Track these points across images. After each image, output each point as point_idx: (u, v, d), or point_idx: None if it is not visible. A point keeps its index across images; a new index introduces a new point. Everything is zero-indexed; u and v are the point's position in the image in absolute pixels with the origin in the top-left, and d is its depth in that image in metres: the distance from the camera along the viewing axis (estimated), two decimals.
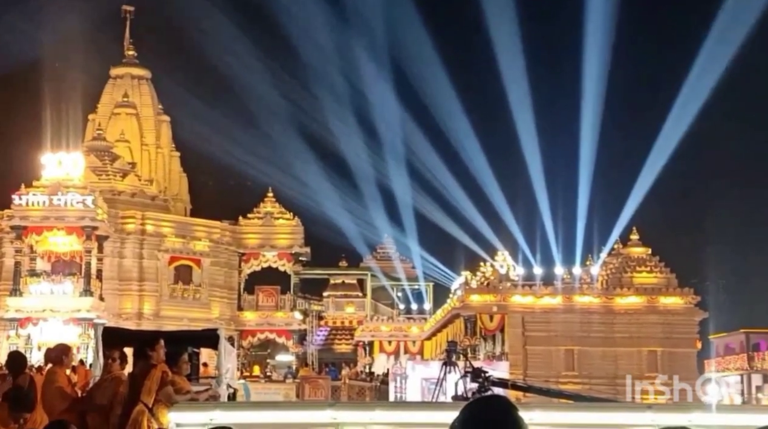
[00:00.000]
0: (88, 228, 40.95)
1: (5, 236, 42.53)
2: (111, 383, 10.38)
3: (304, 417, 8.97)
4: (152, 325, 39.13)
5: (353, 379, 37.47)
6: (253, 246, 47.66)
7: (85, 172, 43.50)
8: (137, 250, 44.70)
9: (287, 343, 46.35)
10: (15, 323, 39.47)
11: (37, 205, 40.80)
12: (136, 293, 44.33)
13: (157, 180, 50.29)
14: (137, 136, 50.45)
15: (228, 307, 46.59)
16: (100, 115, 50.84)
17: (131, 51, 52.36)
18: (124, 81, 51.71)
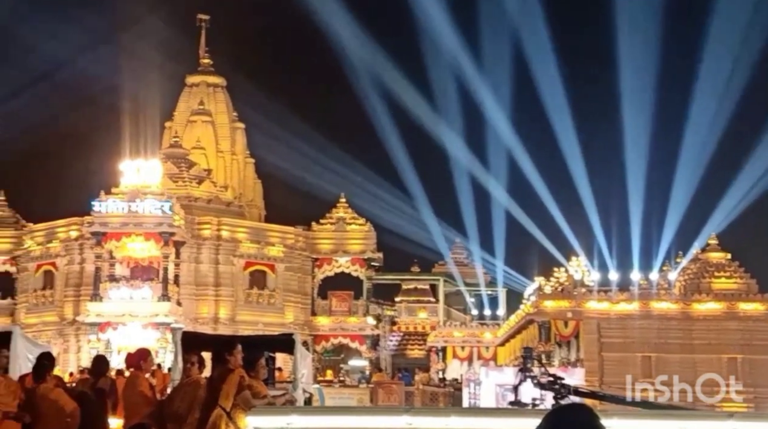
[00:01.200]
0: (165, 234, 41.65)
1: (86, 242, 43.51)
2: (190, 387, 10.52)
3: (380, 422, 8.97)
4: (228, 330, 39.68)
5: (427, 385, 37.39)
6: (326, 251, 47.96)
7: (163, 179, 44.27)
8: (213, 256, 45.33)
9: (360, 348, 46.50)
10: (95, 327, 40.28)
11: (116, 211, 41.63)
12: (212, 298, 44.95)
13: (232, 186, 50.97)
14: (213, 143, 51.21)
15: (302, 311, 46.94)
16: (176, 122, 51.75)
17: (206, 59, 53.20)
18: (199, 89, 52.56)
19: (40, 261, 45.52)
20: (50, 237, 45.56)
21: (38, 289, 45.41)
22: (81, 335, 41.91)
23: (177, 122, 51.69)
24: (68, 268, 44.62)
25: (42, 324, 43.51)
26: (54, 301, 44.68)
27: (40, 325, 43.24)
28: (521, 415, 10.07)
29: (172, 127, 51.37)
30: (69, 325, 43.14)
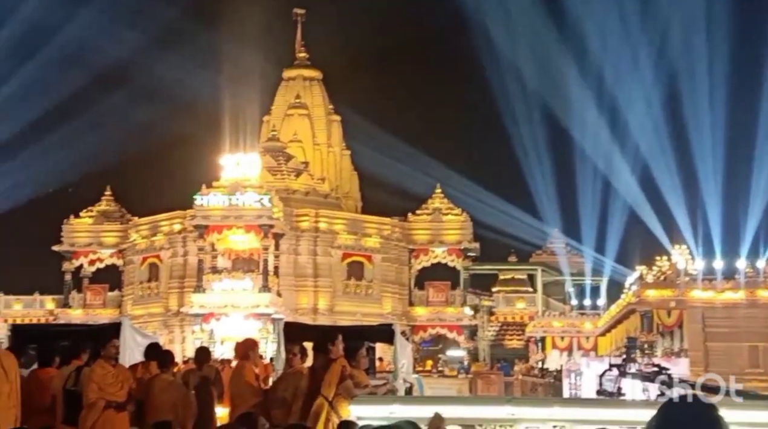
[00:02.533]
0: (265, 226, 42.30)
1: (189, 235, 44.53)
2: (293, 377, 10.68)
3: (481, 412, 8.95)
4: (327, 320, 40.10)
5: (526, 375, 37.11)
6: (423, 242, 48.02)
7: (261, 172, 44.98)
8: (311, 247, 45.85)
9: (458, 338, 46.44)
10: (199, 318, 41.21)
11: (217, 205, 42.48)
12: (311, 289, 45.50)
13: (329, 178, 51.43)
14: (309, 136, 51.76)
15: (399, 302, 47.12)
16: (274, 116, 52.46)
17: (302, 53, 53.76)
18: (296, 82, 53.17)
19: (145, 254, 46.81)
20: (154, 230, 46.80)
21: (144, 281, 46.70)
22: (185, 326, 42.96)
23: (274, 116, 52.40)
24: (172, 260, 45.75)
25: (148, 315, 44.74)
26: (159, 292, 45.90)
27: (146, 316, 44.46)
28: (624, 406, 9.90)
29: (269, 120, 52.10)
30: (174, 316, 44.27)
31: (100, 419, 9.56)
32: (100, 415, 9.57)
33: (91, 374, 9.63)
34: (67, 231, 48.14)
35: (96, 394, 9.56)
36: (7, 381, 8.34)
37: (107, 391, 9.68)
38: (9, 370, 8.36)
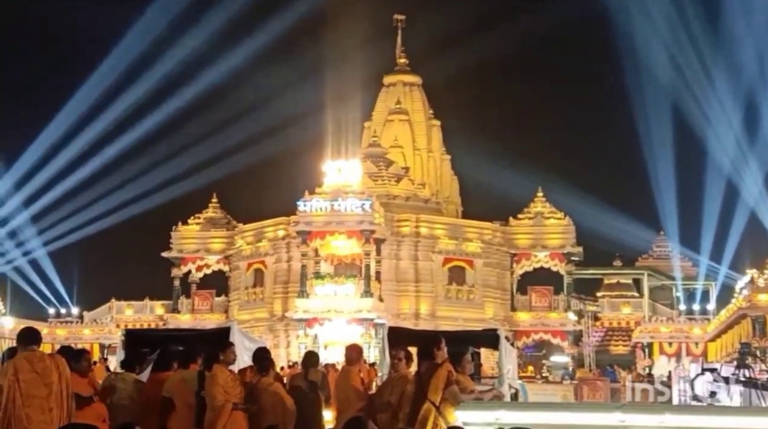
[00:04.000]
0: (366, 231, 42.55)
1: (292, 241, 45.14)
2: (398, 382, 10.70)
3: (590, 419, 8.80)
4: (429, 325, 40.06)
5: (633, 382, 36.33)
6: (525, 246, 47.58)
7: (363, 178, 45.26)
8: (413, 252, 45.92)
9: (562, 343, 45.82)
10: (303, 323, 41.68)
11: (319, 210, 42.94)
12: (413, 294, 45.54)
13: (429, 183, 51.47)
14: (410, 142, 51.92)
15: (501, 307, 46.79)
16: (374, 122, 52.81)
17: (403, 59, 54.01)
18: (396, 88, 53.42)
19: (251, 259, 47.63)
20: (259, 236, 47.60)
21: (249, 286, 47.52)
22: (290, 330, 43.52)
23: (375, 122, 52.75)
24: (276, 266, 46.45)
25: (254, 320, 45.51)
26: (264, 298, 46.63)
27: (252, 321, 45.23)
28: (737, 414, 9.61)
29: (370, 126, 52.46)
30: (279, 321, 44.91)
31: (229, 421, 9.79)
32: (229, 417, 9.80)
33: (216, 378, 9.86)
34: (176, 238, 49.38)
35: (224, 397, 9.79)
36: (44, 385, 8.47)
37: (231, 394, 9.91)
38: (48, 374, 8.51)
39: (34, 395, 8.37)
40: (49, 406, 8.41)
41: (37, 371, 8.46)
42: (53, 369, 8.47)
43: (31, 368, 8.48)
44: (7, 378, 8.44)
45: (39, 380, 8.45)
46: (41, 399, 8.40)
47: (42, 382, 8.46)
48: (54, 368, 8.49)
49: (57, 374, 8.47)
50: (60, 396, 8.49)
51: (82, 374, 9.92)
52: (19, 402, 8.33)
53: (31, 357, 8.59)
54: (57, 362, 8.60)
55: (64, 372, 8.56)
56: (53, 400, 8.46)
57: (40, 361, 8.51)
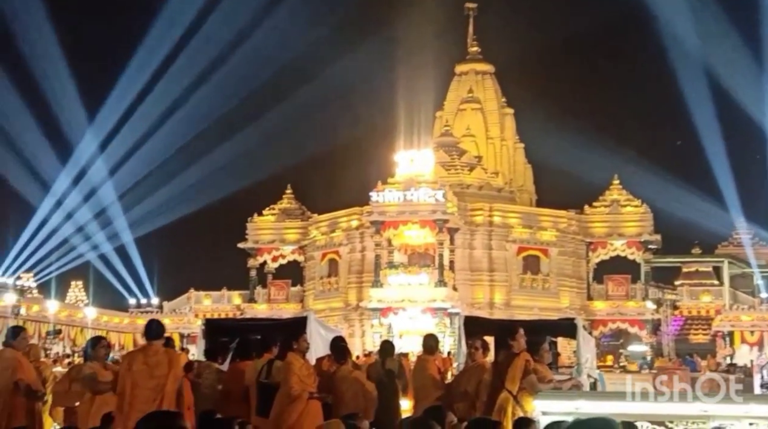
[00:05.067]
0: (439, 221, 42.53)
1: (366, 231, 45.33)
2: (475, 371, 10.71)
3: (672, 409, 8.67)
4: (503, 315, 39.89)
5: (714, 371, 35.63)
6: (601, 235, 47.03)
7: (435, 168, 45.22)
8: (486, 241, 45.72)
9: (640, 333, 45.18)
10: (377, 313, 41.88)
11: (392, 201, 43.04)
12: (487, 283, 45.36)
13: (503, 172, 51.16)
14: (482, 130, 51.67)
15: (577, 296, 46.32)
16: (446, 111, 52.68)
17: (474, 47, 53.72)
18: (468, 77, 53.20)
19: (325, 250, 47.99)
20: (333, 227, 47.92)
21: (324, 276, 47.91)
22: (364, 320, 43.75)
23: (447, 111, 52.62)
24: (350, 256, 46.71)
25: (329, 309, 45.86)
26: (339, 287, 46.97)
27: (327, 310, 45.58)
28: None
29: (442, 116, 52.35)
30: (353, 311, 45.18)
31: (305, 410, 9.90)
32: (305, 406, 9.90)
33: (291, 367, 9.96)
34: (251, 229, 50.00)
35: (300, 386, 9.90)
36: (152, 376, 8.99)
37: (306, 383, 10.01)
38: (158, 367, 9.02)
39: (141, 386, 8.94)
40: (154, 397, 8.89)
41: (148, 364, 9.04)
42: (164, 363, 8.94)
43: (143, 360, 9.09)
44: (122, 367, 9.17)
45: (148, 372, 9.00)
46: (147, 390, 8.93)
47: (151, 374, 9.00)
48: (165, 363, 8.94)
49: (167, 368, 8.92)
50: (164, 389, 8.97)
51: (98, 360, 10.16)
52: (128, 390, 8.91)
53: (147, 350, 9.20)
54: (170, 357, 9.05)
55: (174, 367, 9.00)
56: (159, 391, 8.94)
57: (154, 355, 9.10)
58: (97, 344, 10.46)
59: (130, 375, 9.01)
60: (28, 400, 10.29)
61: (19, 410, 10.19)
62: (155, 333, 9.28)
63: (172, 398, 8.95)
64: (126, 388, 8.97)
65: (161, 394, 8.87)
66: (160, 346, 9.22)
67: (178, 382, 9.05)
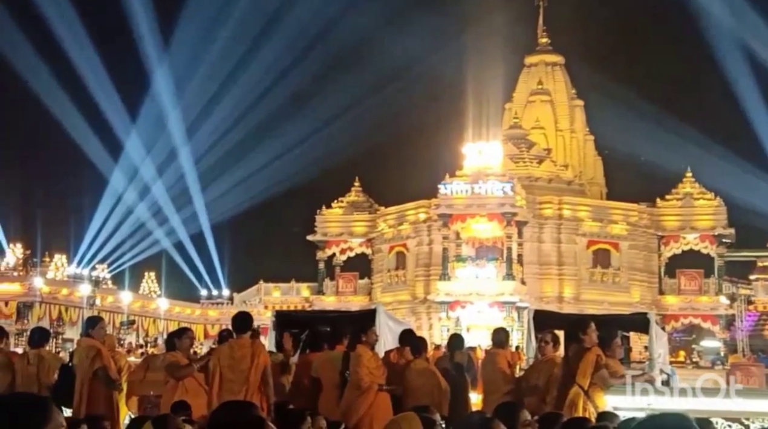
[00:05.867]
0: (508, 214, 42.28)
1: (433, 224, 45.29)
2: (545, 365, 10.61)
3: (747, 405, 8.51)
4: (573, 309, 39.50)
5: None
6: (673, 228, 46.28)
7: (504, 160, 44.97)
8: (555, 235, 45.36)
9: (713, 328, 44.34)
10: (445, 306, 41.84)
11: (460, 193, 42.92)
12: (556, 277, 45.00)
13: (572, 164, 50.64)
14: (552, 122, 51.19)
15: (648, 290, 45.66)
16: (515, 103, 52.31)
17: (544, 38, 53.22)
18: (538, 68, 52.74)
19: (393, 242, 48.10)
20: (401, 219, 47.99)
21: (391, 269, 48.02)
22: (432, 313, 43.75)
23: (516, 103, 52.24)
24: (418, 248, 46.73)
25: (396, 302, 45.93)
26: (406, 280, 47.03)
27: (394, 303, 45.63)
28: None
29: (511, 108, 51.99)
30: (420, 304, 45.20)
31: (374, 402, 9.95)
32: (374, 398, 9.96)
33: (361, 359, 10.02)
34: (320, 221, 50.34)
35: (369, 378, 9.95)
36: (237, 369, 9.35)
37: (375, 375, 10.05)
38: (243, 361, 9.36)
39: (228, 378, 9.34)
40: (239, 389, 9.25)
41: (234, 357, 9.45)
42: (248, 356, 9.23)
43: (230, 354, 9.48)
44: (212, 361, 9.58)
45: (235, 366, 9.39)
46: (234, 383, 9.30)
47: (238, 367, 9.38)
48: (250, 355, 9.23)
49: (251, 360, 9.20)
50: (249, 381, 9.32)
51: (183, 351, 10.32)
52: (216, 383, 9.34)
53: (234, 344, 9.58)
54: (253, 349, 9.32)
55: (258, 359, 9.27)
56: (244, 383, 9.29)
57: (240, 349, 9.49)
58: (183, 334, 10.64)
59: (218, 368, 9.34)
60: (106, 388, 10.51)
61: (99, 398, 10.42)
62: (241, 326, 9.57)
63: (256, 390, 9.16)
64: (215, 381, 9.33)
65: (246, 386, 9.12)
66: (246, 339, 9.52)
67: (260, 373, 9.28)
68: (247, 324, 9.69)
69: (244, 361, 9.35)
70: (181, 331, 10.93)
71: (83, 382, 10.42)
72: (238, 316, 9.92)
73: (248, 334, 9.63)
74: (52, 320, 37.07)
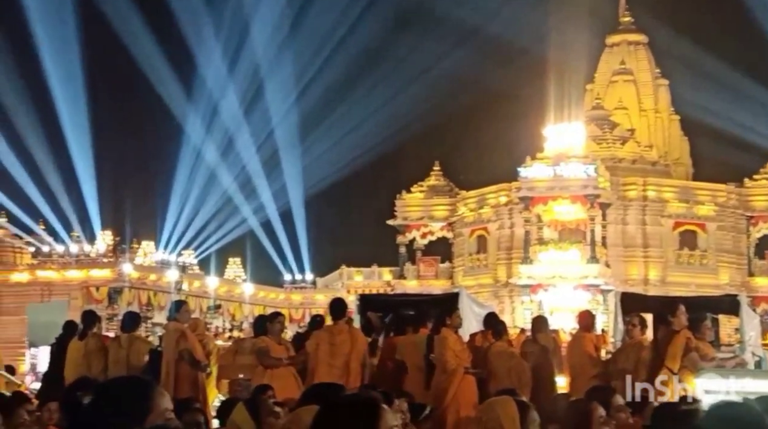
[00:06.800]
0: (591, 196, 41.77)
1: (514, 207, 44.99)
2: (633, 348, 10.48)
3: None
4: (659, 292, 38.84)
5: None
6: (762, 208, 45.29)
7: (586, 142, 44.40)
8: (640, 217, 44.68)
9: None
10: (527, 289, 41.60)
11: (541, 176, 42.53)
12: (641, 259, 44.33)
13: (657, 145, 49.73)
14: (635, 103, 50.29)
15: (737, 272, 44.67)
16: (597, 84, 51.51)
17: (627, 17, 52.23)
18: (620, 48, 51.80)
19: (473, 226, 47.94)
20: (481, 203, 47.78)
21: (473, 253, 47.88)
22: (514, 297, 43.51)
23: (598, 84, 51.43)
24: (499, 232, 46.49)
25: (478, 286, 45.78)
26: (487, 264, 46.85)
27: (476, 287, 45.48)
28: None
29: (593, 88, 51.21)
30: (503, 287, 44.99)
31: (461, 385, 9.99)
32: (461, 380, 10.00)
33: (447, 342, 10.06)
34: (400, 206, 50.41)
35: (455, 361, 10.00)
36: (337, 355, 9.67)
37: (461, 358, 10.08)
38: (342, 346, 9.67)
39: (327, 363, 9.66)
40: (340, 374, 9.53)
41: (333, 343, 9.68)
42: (348, 342, 9.44)
43: (329, 340, 9.81)
44: (311, 346, 9.90)
45: (334, 351, 9.71)
46: (334, 367, 9.63)
47: (336, 352, 9.71)
48: (349, 341, 9.43)
49: (350, 346, 9.41)
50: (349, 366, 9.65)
51: (274, 336, 10.43)
52: (316, 369, 9.67)
53: (333, 330, 9.92)
54: (353, 335, 9.53)
55: (356, 345, 9.47)
56: (344, 369, 9.62)
57: (339, 335, 9.75)
58: (274, 319, 10.77)
59: (317, 354, 9.56)
60: (191, 369, 10.71)
61: (184, 380, 10.62)
62: (337, 312, 9.75)
63: (357, 375, 9.33)
64: (314, 367, 9.55)
65: (347, 372, 9.29)
66: (343, 325, 9.73)
67: (361, 359, 9.46)
68: (344, 310, 9.90)
69: (345, 346, 9.58)
70: (273, 315, 11.09)
71: (169, 364, 10.66)
72: (335, 302, 10.15)
73: (344, 320, 9.81)
74: (141, 305, 37.95)
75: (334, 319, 9.90)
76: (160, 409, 2.72)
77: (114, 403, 2.71)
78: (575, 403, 4.97)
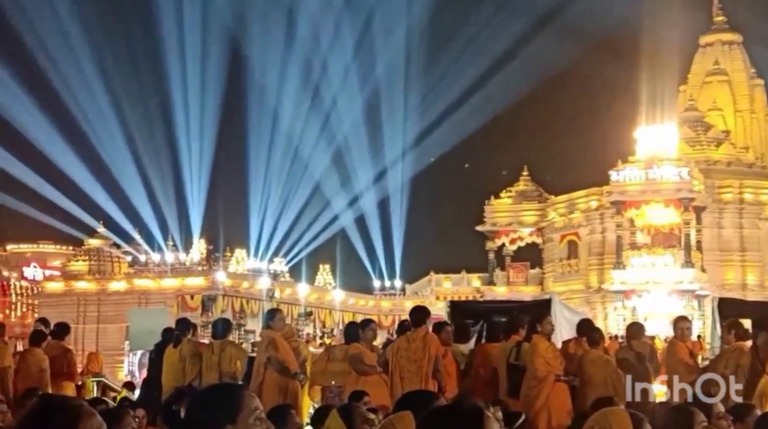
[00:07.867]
0: (684, 199, 40.96)
1: (606, 212, 44.36)
2: (733, 354, 10.21)
3: None
4: (758, 297, 37.78)
5: None
6: None
7: (679, 144, 43.55)
8: (737, 220, 43.61)
9: None
10: (620, 295, 40.97)
11: (633, 179, 41.86)
12: (738, 264, 43.25)
13: (753, 146, 48.49)
14: (730, 104, 49.11)
15: None
16: (690, 85, 50.47)
17: (720, 17, 51.05)
18: (713, 48, 50.66)
19: (563, 231, 47.42)
20: (571, 208, 47.23)
21: (563, 258, 47.36)
22: (607, 302, 42.88)
23: (691, 85, 50.39)
24: (590, 237, 45.88)
25: (569, 292, 45.20)
26: (579, 269, 46.27)
27: (567, 293, 44.89)
28: None
29: (686, 90, 50.19)
30: (595, 293, 44.38)
31: (551, 393, 9.89)
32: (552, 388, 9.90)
33: (537, 349, 9.97)
34: (489, 211, 50.21)
35: (546, 368, 9.90)
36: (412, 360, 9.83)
37: (552, 365, 9.97)
38: (417, 352, 9.80)
39: (405, 368, 9.83)
40: (417, 379, 9.67)
41: (410, 349, 9.90)
42: (422, 348, 9.60)
43: (407, 346, 9.93)
44: (388, 352, 10.10)
45: (411, 356, 9.85)
46: (410, 373, 9.78)
47: (412, 357, 9.84)
48: (423, 347, 9.58)
49: (423, 352, 9.55)
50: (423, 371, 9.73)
51: (366, 343, 10.44)
52: (395, 375, 9.85)
53: (411, 336, 9.99)
54: (426, 341, 9.66)
55: (429, 350, 9.79)
56: (419, 374, 9.72)
57: (414, 341, 10.00)
58: (366, 326, 10.83)
59: (396, 360, 9.80)
60: (280, 376, 10.75)
61: (271, 387, 10.64)
62: (418, 319, 9.86)
63: (429, 379, 9.39)
64: (394, 373, 9.79)
65: (420, 376, 9.39)
66: (420, 331, 9.80)
67: (432, 364, 9.51)
68: (424, 317, 9.94)
69: (418, 352, 9.64)
70: (365, 322, 11.15)
71: (258, 370, 10.78)
72: (416, 309, 10.23)
73: (424, 327, 9.86)
74: (235, 312, 38.55)
75: (414, 325, 9.95)
76: (250, 407, 2.83)
77: (206, 405, 2.85)
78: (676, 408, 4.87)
